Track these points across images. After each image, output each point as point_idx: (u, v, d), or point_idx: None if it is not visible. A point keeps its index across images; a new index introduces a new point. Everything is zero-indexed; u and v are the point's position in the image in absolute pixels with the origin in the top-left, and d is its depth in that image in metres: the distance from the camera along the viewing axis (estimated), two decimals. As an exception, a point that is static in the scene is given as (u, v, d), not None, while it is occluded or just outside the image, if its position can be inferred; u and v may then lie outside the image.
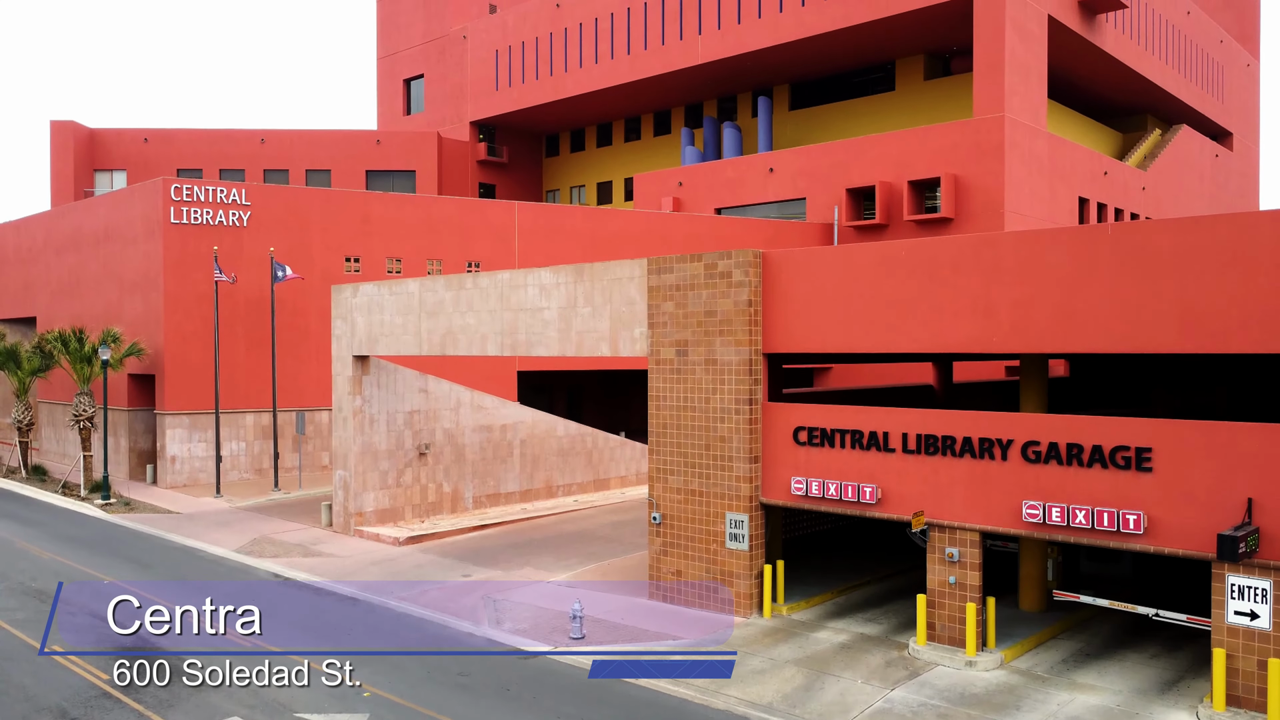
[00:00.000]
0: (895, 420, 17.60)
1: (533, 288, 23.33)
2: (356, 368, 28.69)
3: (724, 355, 19.53)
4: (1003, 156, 44.80)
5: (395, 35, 76.17)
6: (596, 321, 21.94)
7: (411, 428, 30.17)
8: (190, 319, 37.22)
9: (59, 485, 37.29)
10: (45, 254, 46.02)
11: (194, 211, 37.25)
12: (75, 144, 64.31)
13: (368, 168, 67.09)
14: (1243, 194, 76.15)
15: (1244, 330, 14.00)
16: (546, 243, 43.48)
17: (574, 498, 34.62)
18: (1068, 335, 15.56)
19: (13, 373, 39.96)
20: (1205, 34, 66.78)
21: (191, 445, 37.60)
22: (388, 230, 40.51)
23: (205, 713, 15.50)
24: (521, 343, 23.69)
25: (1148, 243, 14.84)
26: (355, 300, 28.45)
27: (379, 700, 15.44)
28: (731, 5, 54.68)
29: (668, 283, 20.48)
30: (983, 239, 17.03)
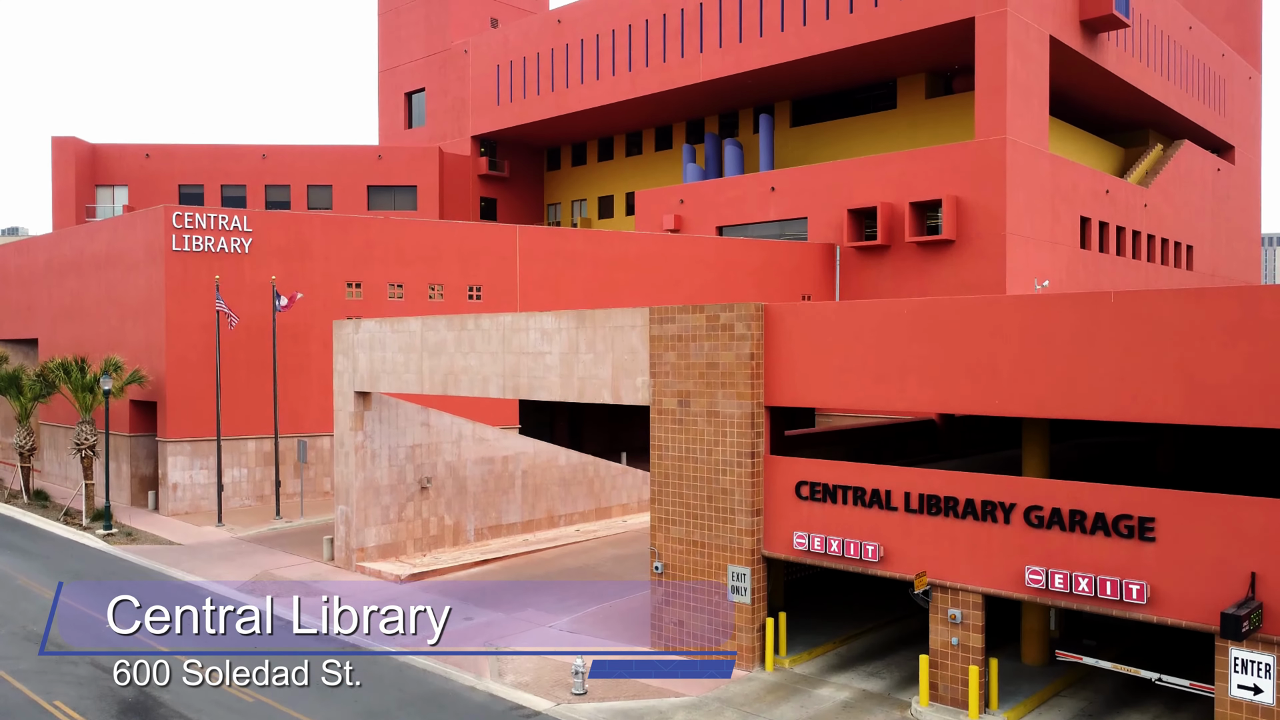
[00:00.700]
0: (897, 479, 17.58)
1: (534, 331, 23.33)
2: (358, 404, 28.69)
3: (726, 408, 19.52)
4: (1004, 179, 44.77)
5: (397, 49, 76.19)
6: (598, 368, 21.93)
7: (413, 461, 30.17)
8: (192, 346, 37.22)
9: (61, 512, 37.30)
10: (47, 276, 46.04)
11: (195, 239, 37.27)
12: (77, 160, 64.35)
13: (369, 183, 67.16)
14: (1245, 208, 76.14)
15: (1248, 404, 13.98)
16: (548, 266, 43.50)
17: (575, 527, 34.61)
18: (1070, 402, 15.54)
19: (15, 398, 39.98)
20: (1207, 48, 66.74)
21: (193, 472, 37.61)
22: (389, 255, 40.51)
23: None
24: (524, 386, 23.68)
25: (1150, 312, 14.82)
26: (357, 336, 28.45)
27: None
28: (733, 24, 54.67)
29: (669, 333, 20.48)
30: (985, 302, 17.02)
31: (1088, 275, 51.81)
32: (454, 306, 41.42)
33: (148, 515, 37.51)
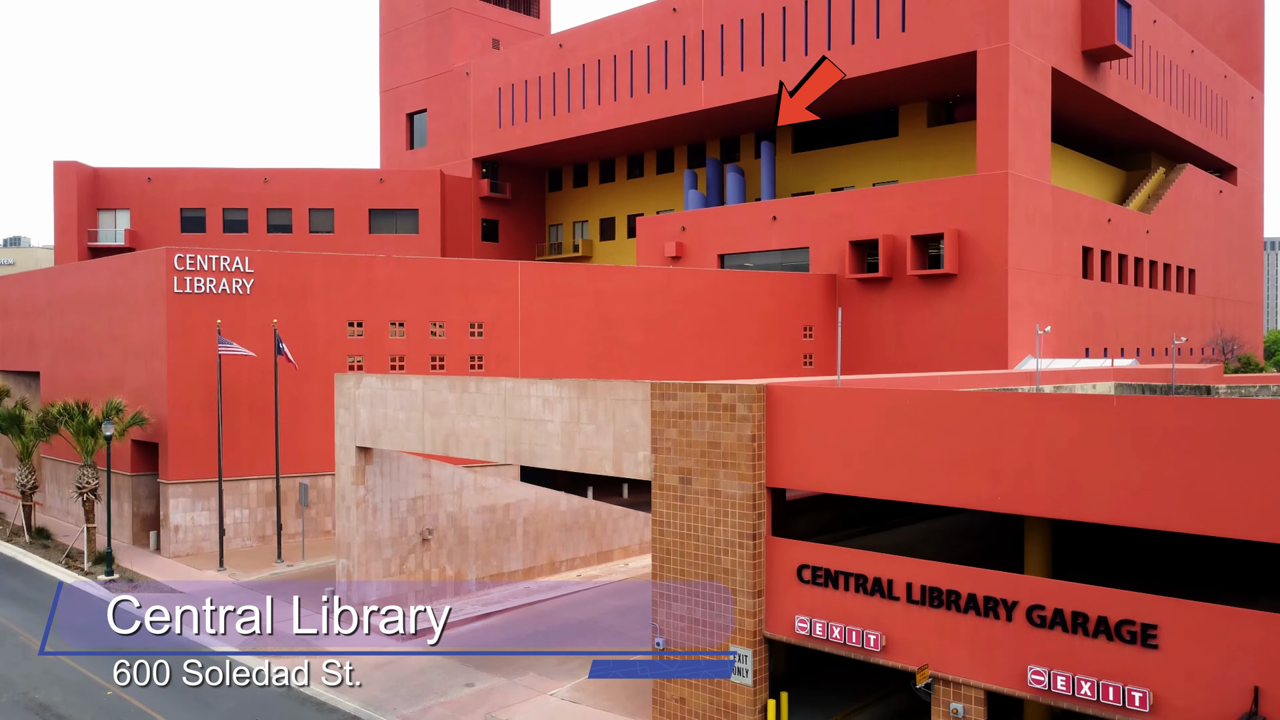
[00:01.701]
0: (899, 568, 17.56)
1: (535, 399, 23.31)
2: (360, 458, 28.68)
3: (728, 487, 19.50)
4: (1006, 213, 44.76)
5: (398, 70, 76.21)
6: (600, 440, 21.91)
7: (415, 513, 30.16)
8: (193, 388, 37.21)
9: (63, 554, 37.31)
10: (49, 311, 46.05)
11: (197, 280, 37.27)
12: (79, 183, 64.42)
13: (371, 206, 67.21)
14: (1247, 228, 76.12)
15: (1247, 516, 13.95)
16: (549, 301, 43.49)
17: (578, 572, 34.60)
18: (1071, 502, 15.51)
19: (16, 437, 39.99)
20: (1209, 71, 66.70)
21: (195, 514, 37.62)
22: (391, 293, 40.50)
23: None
24: (525, 452, 23.67)
25: (1151, 419, 14.80)
26: (359, 392, 28.44)
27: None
28: (735, 53, 54.67)
29: (671, 409, 20.45)
30: (989, 399, 17.00)
31: (1089, 305, 51.81)
32: (455, 343, 41.45)
33: (149, 557, 37.49)
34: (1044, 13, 47.09)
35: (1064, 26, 48.69)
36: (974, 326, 45.60)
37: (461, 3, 72.41)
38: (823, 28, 50.86)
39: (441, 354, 41.27)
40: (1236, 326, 71.35)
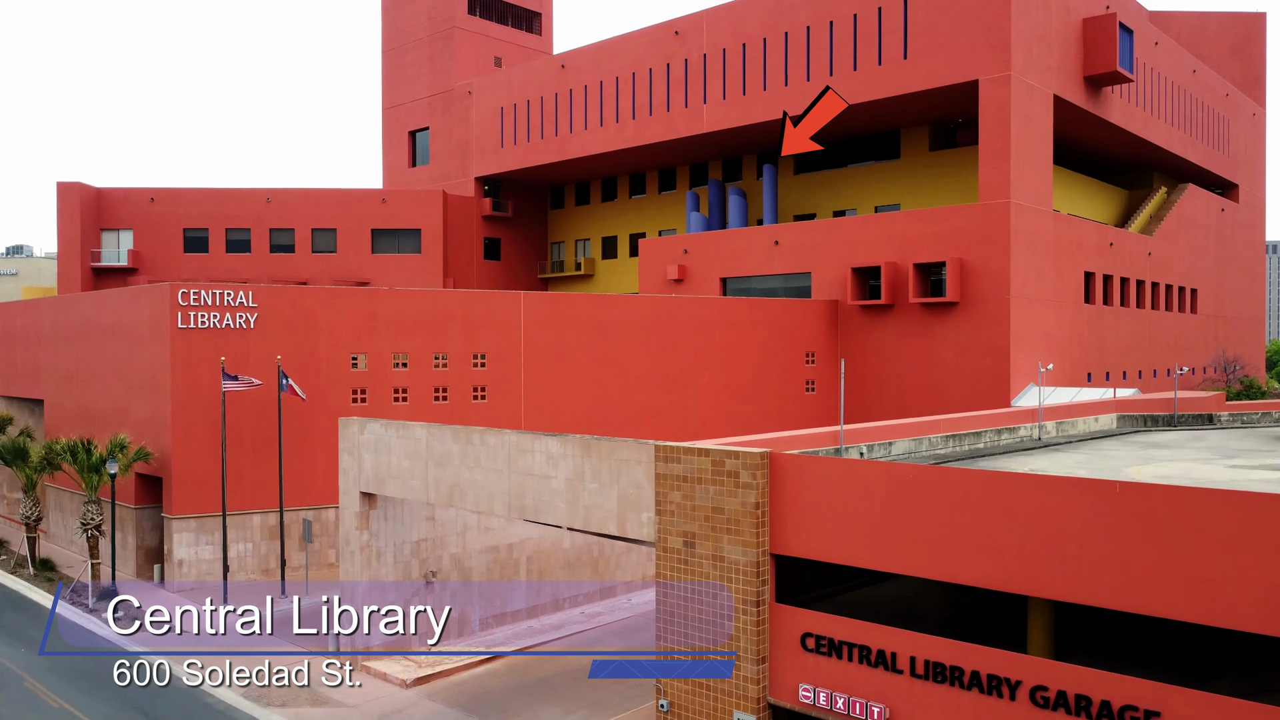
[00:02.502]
0: (903, 642, 17.61)
1: (540, 454, 23.38)
2: (364, 503, 28.76)
3: (732, 553, 19.57)
4: (1008, 242, 44.81)
5: (401, 88, 76.30)
6: (604, 499, 21.98)
7: (418, 556, 30.25)
8: (197, 423, 37.30)
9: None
10: (53, 340, 46.15)
11: (201, 316, 37.35)
12: (82, 204, 64.50)
13: (373, 226, 67.29)
14: (1249, 243, 76.13)
15: (1247, 608, 13.99)
16: (552, 330, 43.55)
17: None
18: (1073, 586, 15.57)
19: (21, 469, 40.12)
20: (1211, 90, 66.72)
21: (199, 549, 37.71)
22: (394, 326, 40.57)
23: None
24: (529, 507, 23.74)
25: (1152, 507, 14.85)
26: (363, 437, 28.51)
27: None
28: (737, 78, 54.74)
29: (675, 472, 20.52)
30: (991, 479, 17.05)
31: (1091, 331, 51.84)
32: (458, 374, 41.52)
33: (154, 591, 37.56)
34: (1046, 41, 47.13)
35: (1066, 53, 48.73)
36: (976, 355, 45.64)
37: (464, 21, 72.50)
38: (825, 54, 50.93)
39: (444, 385, 41.34)
40: (1239, 345, 71.34)
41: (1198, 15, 78.29)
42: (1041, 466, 27.12)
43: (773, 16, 53.01)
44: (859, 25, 49.60)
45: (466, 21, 72.68)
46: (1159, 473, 25.80)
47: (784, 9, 52.54)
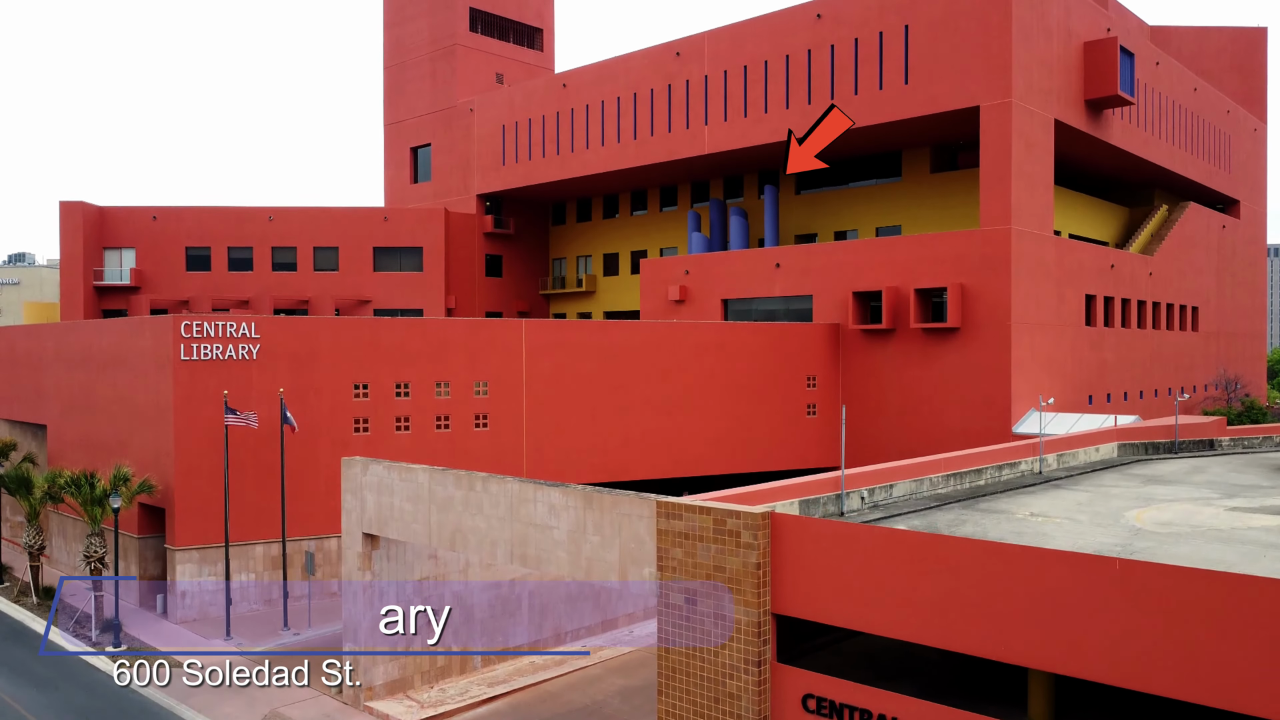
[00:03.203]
0: (905, 707, 17.67)
1: (542, 504, 23.45)
2: (366, 544, 28.85)
3: (733, 612, 19.62)
4: (1009, 268, 44.88)
5: (402, 103, 76.43)
6: (606, 552, 22.06)
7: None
8: (200, 455, 37.40)
9: (71, 619, 37.50)
10: (56, 366, 46.27)
11: (204, 347, 37.46)
12: (85, 223, 64.69)
13: (375, 244, 67.41)
14: (1250, 258, 76.18)
15: (1243, 690, 14.05)
16: (553, 357, 43.64)
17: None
18: (1071, 659, 15.62)
19: (24, 498, 40.24)
20: (1212, 107, 66.78)
21: (201, 580, 37.81)
22: (396, 355, 40.67)
23: None
24: (531, 556, 23.82)
25: (1151, 584, 14.91)
26: (365, 478, 28.60)
27: None
28: (738, 99, 54.83)
29: (677, 529, 20.59)
30: (991, 549, 17.11)
31: (1092, 353, 51.89)
32: (460, 402, 41.62)
33: (156, 622, 37.67)
34: (1047, 66, 47.21)
35: (1066, 77, 48.80)
36: (978, 380, 45.71)
37: (465, 38, 72.63)
38: (826, 77, 51.01)
39: (446, 414, 41.44)
40: (1240, 361, 71.39)
41: (1199, 30, 78.39)
42: (1042, 509, 27.18)
43: (773, 39, 53.10)
44: (860, 49, 49.69)
45: (468, 38, 72.81)
46: (1159, 517, 25.85)
47: (784, 32, 52.63)
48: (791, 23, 52.36)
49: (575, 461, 43.97)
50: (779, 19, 53.02)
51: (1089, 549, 21.94)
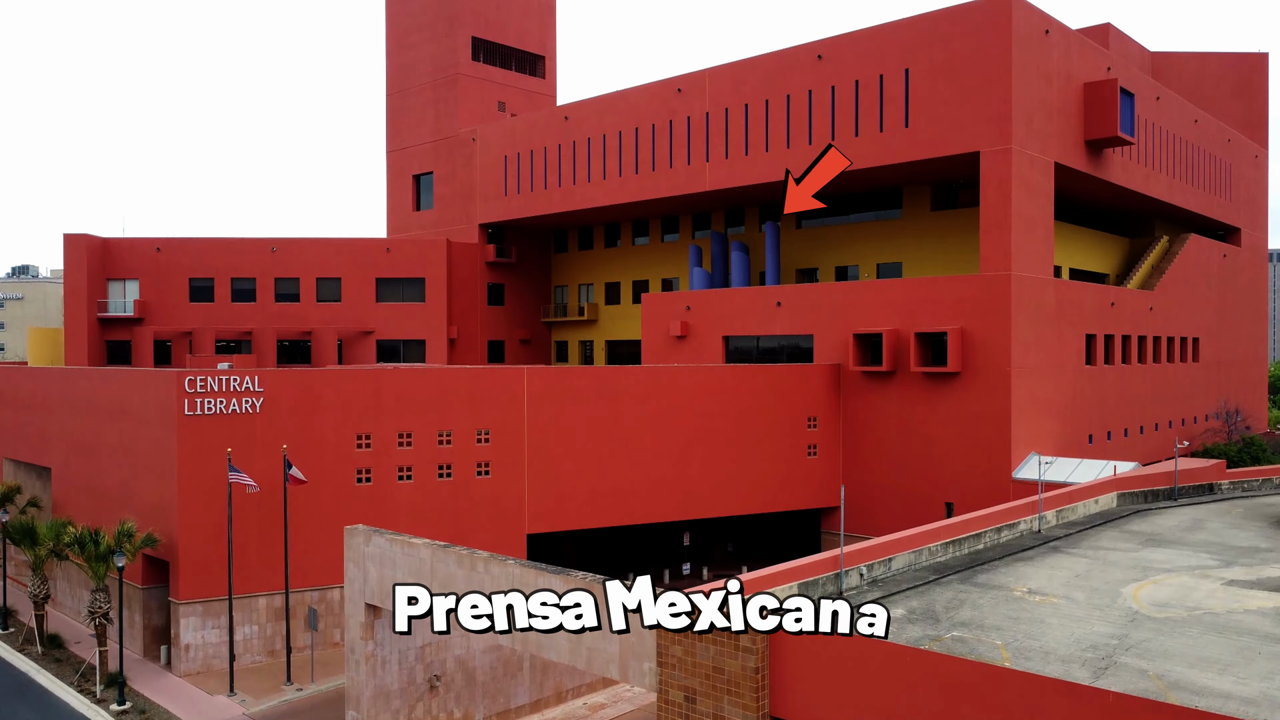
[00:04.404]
0: (900, 820, 17.84)
1: (544, 590, 23.60)
2: (369, 614, 29.04)
3: (731, 714, 19.80)
4: (1010, 314, 45.02)
5: (405, 131, 76.67)
6: (607, 643, 22.24)
7: (423, 661, 30.52)
8: (203, 509, 37.60)
9: (76, 671, 37.74)
10: (60, 410, 46.53)
11: (207, 402, 37.67)
12: (88, 255, 64.96)
13: (378, 275, 67.64)
14: (1252, 284, 76.30)
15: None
16: (555, 404, 43.82)
17: (584, 700, 34.92)
18: (1069, 787, 15.80)
19: (29, 549, 40.49)
20: (1212, 137, 66.88)
21: (205, 633, 38.03)
22: (398, 403, 40.87)
23: None
24: (533, 640, 24.01)
25: (1141, 717, 15.09)
26: (367, 549, 28.80)
27: None
28: (739, 137, 55.01)
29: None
30: (988, 673, 17.27)
31: (1092, 392, 52.03)
32: (462, 450, 41.81)
33: (160, 675, 37.86)
34: (1047, 109, 47.33)
35: (1067, 120, 48.92)
36: (977, 424, 45.85)
37: (467, 68, 72.85)
38: (826, 118, 51.17)
39: (448, 462, 41.64)
40: (1240, 388, 71.52)
41: (1199, 56, 78.48)
42: (1040, 583, 27.32)
43: (774, 78, 53.26)
44: (861, 91, 49.84)
45: (470, 67, 73.03)
46: (1156, 596, 26.00)
47: (785, 72, 52.80)
48: (792, 63, 52.52)
49: (577, 507, 44.19)
50: (780, 58, 53.20)
51: (1086, 642, 22.12)
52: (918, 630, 22.76)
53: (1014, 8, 44.98)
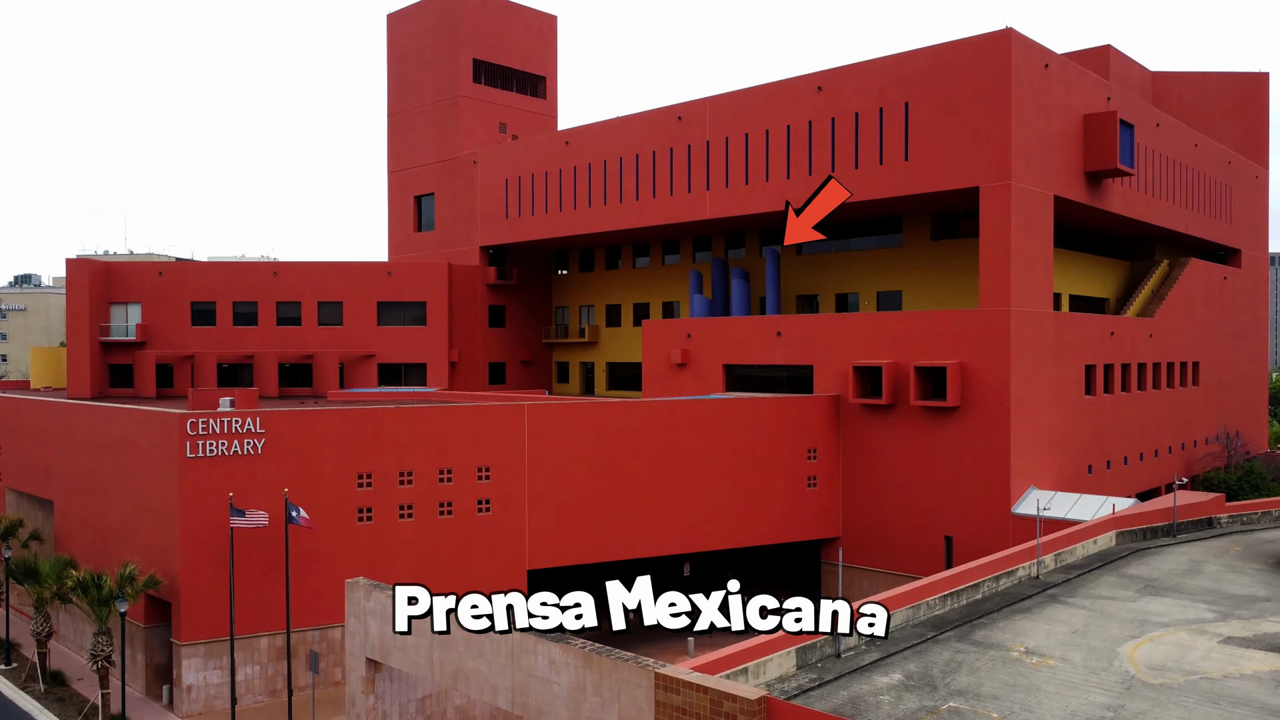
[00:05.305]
0: None
1: (542, 658, 23.78)
2: (369, 668, 29.21)
3: (729, 793, 19.94)
4: (1009, 349, 45.14)
5: (406, 152, 76.86)
6: (604, 714, 22.39)
7: (424, 712, 30.69)
8: (205, 551, 37.78)
9: (79, 713, 37.94)
10: (63, 444, 46.72)
11: (209, 444, 37.83)
12: (91, 278, 65.16)
13: (379, 299, 67.85)
14: (1251, 304, 76.39)
15: None
16: (556, 440, 43.96)
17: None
18: None
19: (32, 587, 40.69)
20: (1213, 160, 66.97)
21: (207, 673, 38.22)
22: (399, 442, 41.02)
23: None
24: (532, 706, 24.16)
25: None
26: (368, 604, 28.95)
27: None
28: (739, 166, 55.16)
29: (674, 703, 20.91)
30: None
31: (1092, 422, 52.14)
32: (463, 488, 41.96)
33: (162, 717, 38.05)
34: (1046, 142, 47.43)
35: (1066, 152, 49.02)
36: (977, 459, 45.98)
37: (468, 90, 73.01)
38: (826, 149, 51.30)
39: (449, 500, 41.79)
40: (1240, 411, 71.60)
41: (1199, 75, 78.54)
42: (1037, 642, 27.41)
43: (775, 108, 53.39)
44: (860, 123, 49.96)
45: (471, 89, 73.19)
46: (1153, 657, 26.09)
47: (786, 102, 52.92)
48: (793, 93, 52.64)
49: (578, 542, 44.34)
50: (781, 89, 53.32)
51: (1082, 715, 22.21)
52: (915, 701, 22.87)
53: (1014, 43, 45.10)
